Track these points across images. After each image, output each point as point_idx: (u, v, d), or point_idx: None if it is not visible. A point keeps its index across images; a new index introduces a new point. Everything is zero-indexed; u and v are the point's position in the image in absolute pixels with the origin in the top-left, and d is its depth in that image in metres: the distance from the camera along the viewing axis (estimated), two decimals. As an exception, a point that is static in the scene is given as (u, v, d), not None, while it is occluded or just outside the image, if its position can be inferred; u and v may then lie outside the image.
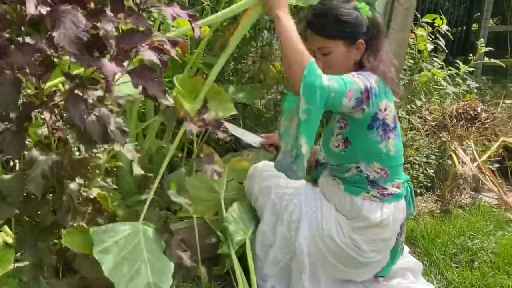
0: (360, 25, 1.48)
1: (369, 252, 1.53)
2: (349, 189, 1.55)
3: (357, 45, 1.49)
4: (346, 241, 1.52)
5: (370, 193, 1.53)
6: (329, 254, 1.54)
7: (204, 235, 1.74)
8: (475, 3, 5.46)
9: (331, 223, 1.53)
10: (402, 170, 1.62)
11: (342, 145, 1.52)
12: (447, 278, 1.80)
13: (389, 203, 1.54)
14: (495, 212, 2.36)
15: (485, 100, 3.43)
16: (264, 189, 1.65)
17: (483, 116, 2.98)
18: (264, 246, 1.62)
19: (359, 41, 1.49)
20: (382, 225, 1.52)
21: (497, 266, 1.87)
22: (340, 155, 1.54)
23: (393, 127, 1.51)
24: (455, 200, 2.43)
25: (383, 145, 1.49)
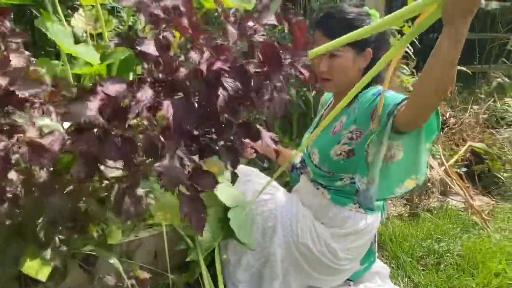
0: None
1: (343, 259, 1.55)
2: (336, 200, 1.55)
3: (365, 53, 1.49)
4: (321, 249, 1.53)
5: (357, 204, 1.55)
6: (303, 261, 1.55)
7: (174, 242, 1.73)
8: (446, 11, 5.60)
9: (307, 230, 1.54)
10: None
11: (345, 155, 1.50)
12: (413, 281, 1.83)
13: (372, 214, 1.58)
14: (462, 215, 2.42)
15: (453, 105, 3.52)
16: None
17: (451, 122, 3.06)
18: (237, 252, 1.62)
19: (368, 49, 1.49)
20: (361, 233, 1.55)
21: (462, 268, 1.92)
22: (337, 164, 1.52)
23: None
24: (423, 203, 2.48)
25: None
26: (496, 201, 2.70)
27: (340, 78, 1.51)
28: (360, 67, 1.51)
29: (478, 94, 3.74)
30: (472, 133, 3.07)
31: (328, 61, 1.50)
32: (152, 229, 1.74)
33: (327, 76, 1.52)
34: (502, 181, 2.82)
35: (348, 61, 1.49)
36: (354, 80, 1.49)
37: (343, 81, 1.52)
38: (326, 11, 1.54)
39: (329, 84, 1.54)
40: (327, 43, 1.29)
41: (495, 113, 3.35)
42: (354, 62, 1.49)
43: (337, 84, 1.54)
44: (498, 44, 4.04)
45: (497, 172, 2.85)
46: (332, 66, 1.50)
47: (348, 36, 1.20)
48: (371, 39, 1.46)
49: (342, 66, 1.49)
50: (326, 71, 1.51)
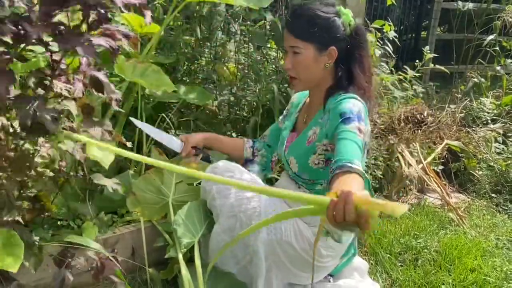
0: (335, 32, 1.47)
1: (325, 257, 1.55)
2: None
3: (329, 51, 1.48)
4: (304, 247, 1.52)
5: None
6: (285, 259, 1.54)
7: (152, 239, 1.70)
8: (424, 12, 5.70)
9: (290, 228, 1.53)
10: None
11: (323, 164, 1.51)
12: (391, 277, 1.85)
13: None
14: (439, 212, 2.46)
15: (431, 104, 3.58)
16: (223, 190, 1.60)
17: (429, 120, 3.11)
18: (218, 247, 1.60)
19: (331, 47, 1.47)
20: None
21: (439, 264, 1.95)
22: (317, 171, 1.53)
23: (369, 142, 1.53)
24: (401, 200, 2.51)
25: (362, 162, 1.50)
26: (471, 198, 2.75)
27: (304, 75, 1.52)
28: (324, 65, 1.50)
29: (455, 94, 3.81)
30: (449, 132, 3.12)
31: (291, 58, 1.51)
32: (130, 225, 1.71)
33: (293, 74, 1.54)
34: (477, 179, 2.87)
35: (309, 58, 1.49)
36: (321, 78, 1.52)
37: (308, 79, 1.53)
38: (293, 10, 1.54)
39: (296, 82, 1.56)
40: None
41: (471, 112, 3.41)
42: (316, 60, 1.49)
43: (303, 82, 1.54)
44: (474, 44, 4.11)
45: (472, 170, 2.90)
46: (295, 63, 1.51)
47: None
48: (336, 37, 1.46)
49: (303, 63, 1.50)
50: (290, 68, 1.52)
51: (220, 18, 2.41)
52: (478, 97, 3.68)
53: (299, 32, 1.48)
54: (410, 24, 5.73)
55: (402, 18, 5.52)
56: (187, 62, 2.47)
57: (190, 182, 1.79)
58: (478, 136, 3.11)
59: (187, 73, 2.52)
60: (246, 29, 2.53)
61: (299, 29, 1.48)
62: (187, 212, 1.66)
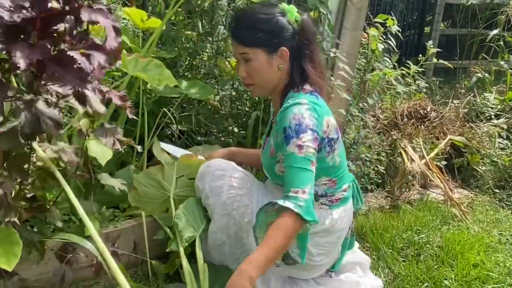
0: (282, 32, 1.44)
1: (316, 255, 1.53)
2: None
3: (280, 52, 1.46)
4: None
5: (319, 201, 1.53)
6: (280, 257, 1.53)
7: (154, 233, 1.70)
8: (428, 7, 5.66)
9: None
10: (348, 172, 1.63)
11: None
12: (394, 272, 1.84)
13: (338, 208, 1.55)
14: (441, 207, 2.45)
15: (435, 100, 3.56)
16: (216, 188, 1.59)
17: (432, 115, 3.10)
18: (216, 245, 1.61)
19: (281, 48, 1.45)
20: (331, 230, 1.53)
21: (442, 260, 1.94)
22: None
23: (336, 137, 1.50)
24: (404, 196, 2.50)
25: (329, 158, 1.49)
26: (474, 194, 2.74)
27: (260, 80, 1.50)
28: (278, 67, 1.48)
29: (458, 89, 3.79)
30: (452, 127, 3.11)
31: (244, 66, 1.49)
32: (132, 219, 1.71)
33: (248, 81, 1.52)
34: (480, 175, 2.86)
35: (261, 63, 1.46)
36: (277, 80, 1.50)
37: (264, 83, 1.51)
38: (234, 16, 1.52)
39: (253, 88, 1.54)
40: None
41: (475, 107, 3.39)
42: (269, 63, 1.47)
43: (260, 87, 1.53)
44: (478, 39, 4.08)
45: (476, 165, 2.89)
46: (249, 70, 1.48)
47: None
48: (284, 37, 1.44)
49: (257, 69, 1.47)
50: (245, 76, 1.50)
51: (222, 12, 2.40)
52: (482, 92, 3.66)
53: (245, 39, 1.45)
54: (413, 19, 5.70)
55: (405, 13, 5.48)
56: (188, 57, 2.46)
57: (191, 177, 1.78)
58: (482, 131, 3.09)
59: (189, 68, 2.51)
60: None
61: (244, 36, 1.45)
62: (189, 207, 1.65)
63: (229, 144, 2.19)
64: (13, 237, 1.20)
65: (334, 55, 2.11)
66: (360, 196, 1.69)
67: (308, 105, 1.41)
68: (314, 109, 1.41)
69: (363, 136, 2.54)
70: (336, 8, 2.25)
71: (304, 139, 1.35)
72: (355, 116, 2.53)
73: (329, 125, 1.47)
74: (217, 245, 1.60)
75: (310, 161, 1.34)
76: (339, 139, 1.53)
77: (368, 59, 2.57)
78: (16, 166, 1.17)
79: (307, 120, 1.37)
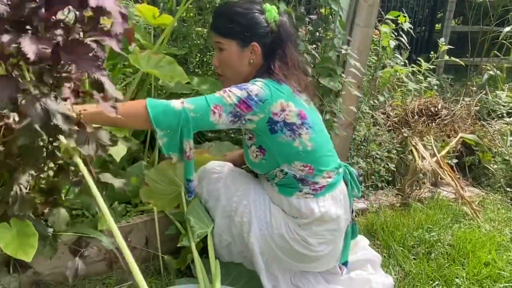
0: (256, 28, 1.50)
1: (317, 245, 1.53)
2: (283, 191, 1.55)
3: (251, 47, 1.51)
4: (294, 237, 1.52)
5: (303, 191, 1.53)
6: (280, 252, 1.54)
7: (165, 229, 1.71)
8: (439, 3, 5.61)
9: (280, 221, 1.54)
10: (330, 159, 1.60)
11: (260, 154, 1.53)
12: (404, 270, 1.84)
13: (324, 196, 1.55)
14: (452, 205, 2.44)
15: (445, 97, 3.53)
16: (213, 191, 1.62)
17: (443, 113, 3.07)
18: (223, 246, 1.62)
19: (253, 43, 1.50)
20: (325, 219, 1.53)
21: (453, 258, 1.93)
22: (262, 164, 1.55)
23: (300, 123, 1.49)
24: (414, 194, 2.49)
25: (297, 143, 1.48)
26: (486, 192, 2.72)
27: (229, 72, 1.55)
28: (249, 62, 1.53)
29: (470, 87, 3.75)
30: (463, 125, 3.08)
31: (217, 55, 1.55)
32: (144, 215, 1.72)
33: (219, 71, 1.59)
34: (492, 173, 2.84)
35: (232, 54, 1.52)
36: (248, 74, 1.54)
37: (233, 76, 1.55)
38: (215, 10, 1.60)
39: (223, 79, 1.60)
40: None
41: (487, 105, 3.36)
42: (239, 56, 1.52)
43: (229, 79, 1.56)
44: (490, 37, 4.04)
45: (487, 163, 2.87)
46: (220, 60, 1.55)
47: None
48: (257, 33, 1.50)
49: (227, 60, 1.54)
50: (217, 65, 1.57)
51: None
52: (494, 90, 3.62)
53: (220, 29, 1.53)
54: (424, 16, 5.65)
55: (416, 10, 5.44)
56: (199, 54, 2.46)
57: (202, 173, 1.79)
58: (493, 129, 3.07)
59: (199, 65, 2.51)
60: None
61: (220, 26, 1.53)
62: (200, 203, 1.66)
63: (239, 140, 2.20)
64: (29, 229, 1.22)
65: (345, 52, 2.11)
66: (356, 183, 1.67)
67: (262, 82, 1.45)
68: (267, 86, 1.44)
69: (373, 133, 2.53)
70: (347, 5, 2.24)
71: (232, 91, 1.41)
72: (365, 113, 2.52)
73: (286, 109, 1.46)
74: (224, 245, 1.61)
75: (217, 101, 1.39)
76: (307, 125, 1.50)
77: (379, 56, 2.55)
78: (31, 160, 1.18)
79: (252, 87, 1.43)
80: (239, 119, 1.41)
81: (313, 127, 1.53)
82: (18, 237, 1.20)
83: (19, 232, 1.21)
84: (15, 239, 1.19)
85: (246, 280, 1.55)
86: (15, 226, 1.21)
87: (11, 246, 1.17)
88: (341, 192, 1.60)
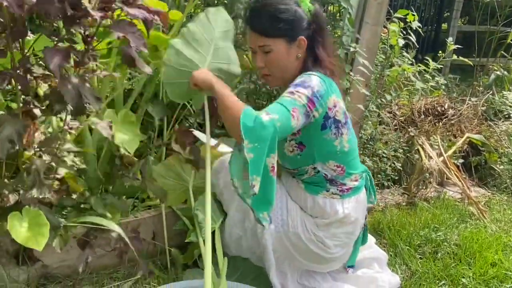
0: (300, 21, 1.46)
1: (333, 247, 1.53)
2: (309, 189, 1.54)
3: (298, 42, 1.46)
4: (310, 237, 1.51)
5: (330, 191, 1.52)
6: (294, 250, 1.54)
7: (172, 224, 1.71)
8: (446, 3, 5.59)
9: (297, 219, 1.53)
10: (358, 162, 1.62)
11: (297, 149, 1.50)
12: (411, 269, 1.84)
13: (350, 198, 1.55)
14: (459, 205, 2.43)
15: (452, 97, 3.52)
16: (230, 184, 1.58)
17: (450, 113, 3.07)
18: (233, 239, 1.62)
19: (300, 37, 1.46)
20: (345, 220, 1.53)
21: (459, 258, 1.93)
22: (295, 159, 1.53)
23: (344, 122, 1.49)
24: (420, 193, 2.48)
25: (337, 142, 1.48)
26: (492, 192, 2.71)
27: (278, 71, 1.50)
28: (296, 56, 1.48)
29: (476, 87, 3.74)
30: (470, 125, 3.07)
31: (263, 57, 1.48)
32: (151, 210, 1.73)
33: (266, 72, 1.51)
34: (498, 174, 2.83)
35: (281, 53, 1.46)
36: (294, 69, 1.50)
37: (281, 73, 1.51)
38: (251, 7, 1.51)
39: (271, 78, 1.53)
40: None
41: (493, 105, 3.35)
42: (288, 52, 1.47)
43: (277, 78, 1.52)
44: (497, 37, 4.02)
45: (493, 164, 2.86)
46: (268, 61, 1.48)
47: None
48: (302, 26, 1.45)
49: (277, 60, 1.47)
50: (263, 66, 1.50)
51: (241, 6, 2.39)
52: (500, 91, 3.61)
53: (266, 30, 1.45)
54: (430, 16, 5.63)
55: (423, 9, 5.42)
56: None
57: (210, 168, 1.79)
58: (500, 130, 3.05)
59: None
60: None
61: (265, 27, 1.45)
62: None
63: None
64: (40, 219, 1.22)
65: (354, 49, 2.10)
66: (374, 189, 1.68)
67: (318, 77, 1.42)
68: (323, 81, 1.43)
69: (379, 132, 2.52)
70: (356, 2, 2.23)
71: (300, 91, 1.36)
72: (372, 112, 2.51)
73: (337, 105, 1.46)
74: (235, 239, 1.60)
75: (293, 104, 1.33)
76: (347, 125, 1.51)
77: (387, 55, 2.55)
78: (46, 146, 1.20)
79: (313, 82, 1.39)
80: (308, 118, 1.38)
81: (350, 129, 1.54)
82: (29, 226, 1.20)
83: (31, 221, 1.21)
84: (27, 228, 1.19)
85: (253, 276, 1.55)
86: (27, 215, 1.22)
87: (22, 235, 1.17)
88: (363, 196, 1.61)
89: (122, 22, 1.15)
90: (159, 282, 1.56)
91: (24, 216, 1.23)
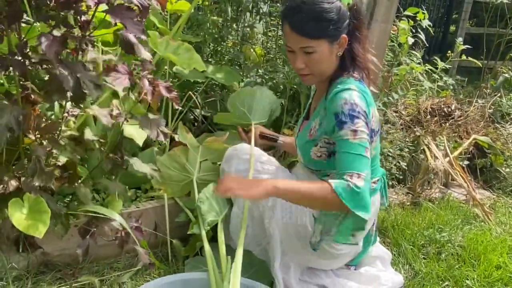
0: (344, 19, 1.39)
1: (341, 244, 1.52)
2: None
3: (340, 40, 1.41)
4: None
5: None
6: (299, 244, 1.52)
7: (175, 215, 1.70)
8: (455, 4, 5.55)
9: (306, 212, 1.51)
10: (379, 167, 1.60)
11: (325, 156, 1.48)
12: (414, 269, 1.82)
13: None
14: (463, 207, 2.40)
15: (458, 99, 3.49)
16: (241, 172, 1.58)
17: (457, 114, 3.03)
18: (238, 229, 1.58)
19: (342, 36, 1.41)
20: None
21: (463, 259, 1.90)
22: (320, 163, 1.50)
23: (377, 130, 1.48)
24: (425, 193, 2.46)
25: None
26: (497, 195, 2.68)
27: (318, 70, 1.45)
28: (337, 54, 1.44)
29: (484, 89, 3.71)
30: (477, 127, 3.04)
31: (303, 58, 1.42)
32: (154, 201, 1.71)
33: (306, 72, 1.46)
34: (503, 176, 2.80)
35: (324, 54, 1.40)
36: (333, 67, 1.46)
37: (323, 72, 1.47)
38: (291, 4, 1.41)
39: (309, 77, 1.48)
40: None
41: (501, 108, 3.32)
42: (330, 53, 1.42)
43: (316, 76, 1.48)
44: (506, 39, 3.98)
45: (499, 167, 2.83)
46: (309, 61, 1.42)
47: None
48: (344, 24, 1.39)
49: (319, 61, 1.41)
50: (303, 67, 1.44)
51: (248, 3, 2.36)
52: (508, 93, 3.58)
53: (310, 32, 1.37)
54: (439, 17, 5.59)
55: (431, 10, 5.39)
56: (213, 43, 2.44)
57: (214, 161, 1.77)
58: (507, 132, 3.02)
59: (213, 54, 2.49)
60: (275, 10, 2.49)
61: (309, 29, 1.37)
62: (212, 191, 1.64)
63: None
64: (42, 206, 1.21)
65: (363, 46, 2.07)
66: (386, 192, 1.66)
67: (358, 92, 1.38)
68: (363, 97, 1.39)
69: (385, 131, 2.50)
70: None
71: (358, 124, 1.33)
72: (378, 110, 2.48)
73: (374, 116, 1.44)
74: (239, 229, 1.58)
75: (364, 148, 1.32)
76: (379, 132, 1.50)
77: (396, 53, 2.52)
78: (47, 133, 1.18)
79: (360, 106, 1.35)
80: (371, 140, 1.38)
81: (379, 133, 1.51)
82: (30, 213, 1.18)
83: (31, 208, 1.19)
84: (27, 215, 1.18)
85: (256, 269, 1.54)
86: (28, 202, 1.20)
87: (23, 222, 1.16)
88: (378, 199, 1.59)
89: (119, 7, 1.10)
90: (160, 273, 1.55)
91: (25, 203, 1.22)
